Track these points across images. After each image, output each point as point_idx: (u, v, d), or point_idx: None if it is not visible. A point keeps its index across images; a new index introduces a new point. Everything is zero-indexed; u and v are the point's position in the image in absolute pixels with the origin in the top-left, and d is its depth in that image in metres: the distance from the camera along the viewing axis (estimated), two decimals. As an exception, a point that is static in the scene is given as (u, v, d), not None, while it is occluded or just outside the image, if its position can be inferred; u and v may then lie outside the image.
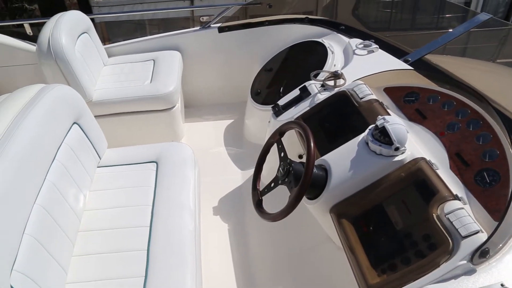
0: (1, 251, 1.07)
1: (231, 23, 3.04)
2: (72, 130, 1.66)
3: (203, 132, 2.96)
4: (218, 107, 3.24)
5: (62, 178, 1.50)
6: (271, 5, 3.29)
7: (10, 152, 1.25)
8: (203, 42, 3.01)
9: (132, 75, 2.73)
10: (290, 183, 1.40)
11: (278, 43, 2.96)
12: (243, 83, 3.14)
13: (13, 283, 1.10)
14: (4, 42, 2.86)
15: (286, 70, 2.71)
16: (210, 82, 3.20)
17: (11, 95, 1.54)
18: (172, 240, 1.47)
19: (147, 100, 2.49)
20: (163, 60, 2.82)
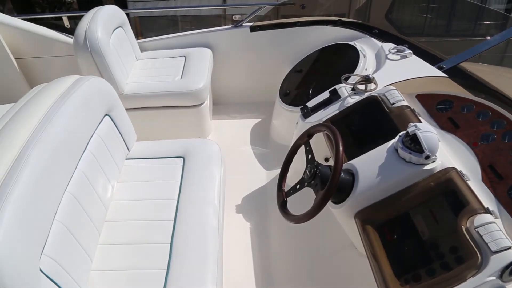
0: (33, 235, 1.11)
1: (263, 22, 3.05)
2: (104, 122, 1.70)
3: (230, 130, 2.98)
4: (246, 105, 3.26)
5: (92, 168, 1.54)
6: (304, 6, 3.28)
7: (46, 139, 1.29)
8: (234, 40, 3.02)
9: (163, 70, 2.77)
10: (316, 186, 1.39)
11: (309, 44, 2.95)
12: (272, 83, 3.14)
13: (42, 267, 1.13)
14: (43, 34, 2.95)
15: (316, 72, 2.69)
16: (239, 80, 3.21)
17: (49, 85, 1.58)
18: (195, 235, 1.49)
19: (176, 96, 2.52)
20: (194, 57, 2.85)
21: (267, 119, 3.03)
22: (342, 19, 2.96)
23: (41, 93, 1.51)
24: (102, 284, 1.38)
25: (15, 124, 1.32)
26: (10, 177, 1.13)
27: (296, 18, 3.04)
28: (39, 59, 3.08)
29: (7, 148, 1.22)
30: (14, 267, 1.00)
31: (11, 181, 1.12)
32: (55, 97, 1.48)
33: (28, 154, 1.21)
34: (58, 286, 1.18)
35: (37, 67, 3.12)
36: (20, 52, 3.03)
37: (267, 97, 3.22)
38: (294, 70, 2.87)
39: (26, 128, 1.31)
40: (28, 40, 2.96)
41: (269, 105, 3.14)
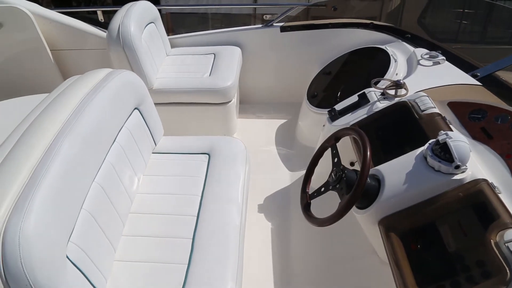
0: (62, 222, 1.14)
1: (293, 23, 3.04)
2: (133, 115, 1.73)
3: (255, 129, 2.98)
4: (272, 105, 3.26)
5: (120, 160, 1.57)
6: (336, 8, 3.25)
7: (78, 130, 1.32)
8: (264, 40, 3.03)
9: (192, 67, 2.80)
10: (342, 190, 1.38)
11: (339, 46, 2.93)
12: (300, 84, 3.12)
13: (69, 253, 1.17)
14: (78, 27, 3.03)
15: (345, 75, 2.67)
16: (267, 80, 3.22)
17: (82, 77, 1.62)
18: (218, 232, 1.50)
19: (204, 93, 2.54)
20: (224, 55, 2.87)
21: (293, 120, 3.02)
22: (374, 22, 2.92)
23: (74, 85, 1.55)
24: (124, 274, 1.40)
25: (49, 114, 1.36)
26: (43, 165, 1.17)
27: (327, 20, 3.02)
28: (73, 52, 3.16)
29: (41, 137, 1.26)
30: (43, 251, 1.04)
31: (43, 169, 1.16)
32: (88, 89, 1.52)
33: (60, 143, 1.25)
34: (82, 273, 1.21)
35: (70, 59, 3.20)
36: (56, 44, 3.12)
37: (294, 98, 3.21)
38: (323, 72, 2.85)
39: (59, 118, 1.35)
40: (63, 33, 3.05)
41: (295, 106, 3.13)
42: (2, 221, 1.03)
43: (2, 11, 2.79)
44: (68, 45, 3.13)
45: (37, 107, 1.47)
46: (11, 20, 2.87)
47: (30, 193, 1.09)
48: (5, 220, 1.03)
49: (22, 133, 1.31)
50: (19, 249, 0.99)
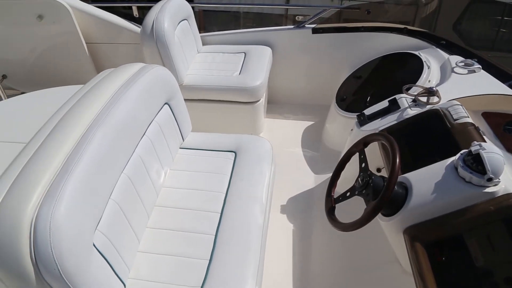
0: (90, 210, 1.17)
1: (325, 25, 3.02)
2: (163, 110, 1.75)
3: (282, 130, 2.98)
4: (300, 107, 3.25)
5: (148, 153, 1.60)
6: (369, 11, 3.21)
7: (110, 121, 1.36)
8: (295, 41, 3.02)
9: (222, 65, 2.82)
10: (368, 196, 1.37)
11: (371, 50, 2.89)
12: (329, 86, 3.10)
13: (95, 241, 1.20)
14: (113, 21, 3.10)
15: (376, 80, 2.63)
16: (296, 81, 3.21)
17: (116, 70, 1.66)
18: (241, 230, 1.51)
19: (233, 91, 2.56)
20: (254, 54, 2.88)
21: (320, 122, 3.00)
22: (408, 27, 2.86)
23: (108, 77, 1.58)
24: (146, 266, 1.43)
25: (83, 105, 1.40)
26: (75, 154, 1.21)
27: (360, 23, 2.99)
28: (107, 45, 3.24)
29: (75, 127, 1.30)
30: (72, 238, 1.07)
31: (75, 158, 1.19)
32: (121, 82, 1.55)
33: (93, 134, 1.28)
34: (107, 261, 1.24)
35: (104, 52, 3.28)
36: (91, 37, 3.21)
37: (323, 100, 3.19)
38: (353, 76, 2.82)
39: (93, 109, 1.38)
40: (99, 27, 3.13)
41: (323, 109, 3.11)
42: (35, 206, 1.06)
43: (43, 4, 2.88)
44: (103, 38, 3.21)
45: (72, 98, 1.51)
46: (51, 13, 2.97)
47: (62, 180, 1.12)
48: (38, 206, 1.06)
49: (57, 122, 1.35)
50: (50, 235, 1.02)
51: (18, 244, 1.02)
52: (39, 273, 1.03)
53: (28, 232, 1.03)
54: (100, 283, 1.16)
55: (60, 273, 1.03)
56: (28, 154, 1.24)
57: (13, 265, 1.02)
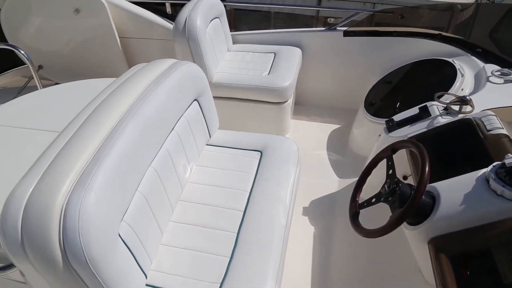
0: (118, 201, 1.20)
1: (357, 28, 2.98)
2: (192, 106, 1.77)
3: (308, 132, 2.97)
4: (327, 109, 3.22)
5: (176, 148, 1.62)
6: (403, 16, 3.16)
7: (141, 115, 1.38)
8: (325, 43, 3.00)
9: (252, 64, 2.83)
10: (394, 203, 1.35)
11: (402, 56, 2.84)
12: (358, 90, 3.07)
13: (120, 232, 1.22)
14: (146, 17, 3.16)
15: (406, 86, 2.59)
16: (325, 83, 3.19)
17: (148, 65, 1.69)
18: (263, 230, 1.51)
19: (262, 91, 2.56)
20: (284, 55, 2.87)
21: (347, 126, 2.97)
22: (443, 33, 2.80)
23: (140, 72, 1.61)
24: (168, 259, 1.45)
25: (116, 98, 1.43)
26: (106, 145, 1.23)
27: (393, 28, 2.94)
28: (139, 40, 3.30)
29: (107, 119, 1.33)
30: (99, 227, 1.09)
31: (106, 149, 1.22)
32: (153, 77, 1.58)
33: (123, 126, 1.31)
34: (131, 252, 1.26)
35: (136, 47, 3.35)
36: (124, 32, 3.28)
37: (350, 104, 3.16)
38: (383, 81, 2.78)
39: (125, 102, 1.41)
40: (132, 22, 3.19)
41: (351, 113, 3.08)
42: (66, 193, 1.09)
43: None
44: (135, 33, 3.27)
45: (105, 90, 1.55)
46: (87, 7, 3.05)
47: (93, 170, 1.15)
48: (69, 193, 1.09)
49: (89, 113, 1.39)
50: (78, 222, 1.05)
51: (48, 229, 1.05)
52: (66, 258, 1.06)
53: (58, 218, 1.06)
54: (123, 272, 1.19)
55: (86, 260, 1.06)
56: (61, 143, 1.27)
57: (42, 249, 1.05)
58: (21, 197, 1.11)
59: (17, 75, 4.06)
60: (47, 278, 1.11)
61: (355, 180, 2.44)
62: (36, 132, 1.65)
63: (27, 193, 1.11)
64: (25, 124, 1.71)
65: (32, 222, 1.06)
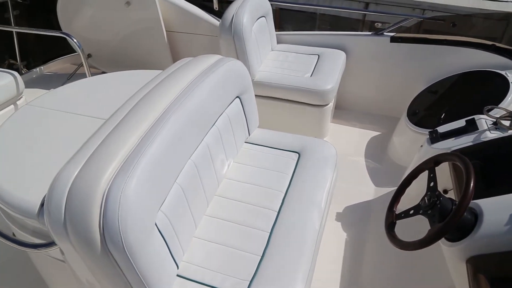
0: (157, 190, 1.22)
1: (405, 34, 2.91)
2: (234, 103, 1.79)
3: (346, 137, 2.93)
4: (368, 116, 3.16)
5: (215, 143, 1.64)
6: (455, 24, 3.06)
7: (184, 108, 1.41)
8: (371, 48, 2.94)
9: (294, 65, 2.82)
10: (433, 217, 1.30)
11: (451, 65, 2.75)
12: (401, 98, 3.00)
13: (157, 221, 1.25)
14: (194, 12, 3.21)
15: (453, 97, 2.50)
16: (367, 89, 3.13)
17: (194, 59, 1.72)
18: (296, 232, 1.50)
19: (303, 92, 2.55)
20: (328, 57, 2.85)
21: (387, 134, 2.91)
22: (497, 44, 2.68)
23: (186, 66, 1.64)
24: (200, 252, 1.47)
25: (161, 90, 1.46)
26: (150, 135, 1.27)
27: (443, 36, 2.85)
28: (184, 34, 3.36)
29: (152, 109, 1.37)
30: (138, 214, 1.12)
31: (149, 139, 1.25)
32: (198, 72, 1.60)
33: (167, 118, 1.33)
34: (165, 242, 1.29)
35: (181, 41, 3.41)
36: (171, 26, 3.34)
37: (392, 111, 3.09)
38: (429, 90, 2.70)
39: (169, 95, 1.44)
40: (180, 16, 3.25)
41: (392, 120, 3.01)
42: (108, 179, 1.13)
43: None
44: (181, 28, 3.33)
45: (151, 82, 1.59)
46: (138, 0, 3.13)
47: (135, 159, 1.18)
48: (111, 179, 1.13)
49: (135, 103, 1.43)
50: (119, 208, 1.08)
51: (90, 212, 1.08)
52: (104, 242, 1.09)
53: (100, 203, 1.09)
54: (156, 261, 1.21)
55: (123, 245, 1.09)
56: (107, 130, 1.32)
57: (82, 231, 1.09)
58: (66, 180, 1.15)
59: (67, 62, 4.24)
60: (84, 259, 1.15)
61: (391, 189, 2.38)
62: (83, 117, 1.71)
63: (72, 176, 1.16)
64: (73, 109, 1.78)
65: (75, 204, 1.10)
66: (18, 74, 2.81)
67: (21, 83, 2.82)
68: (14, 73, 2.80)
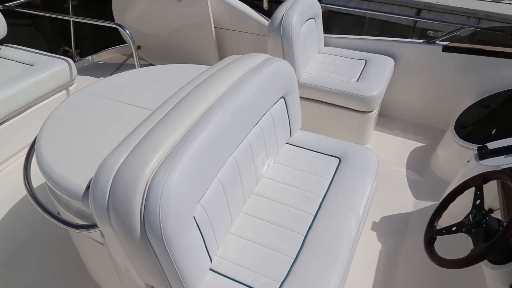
0: (198, 183, 1.24)
1: (459, 44, 2.80)
2: (278, 103, 1.79)
3: (388, 145, 2.86)
4: (412, 125, 3.07)
5: (257, 142, 1.64)
6: None
7: (230, 104, 1.42)
8: (421, 56, 2.86)
9: (341, 69, 2.78)
10: (478, 236, 1.25)
11: (507, 79, 2.62)
12: (448, 110, 2.89)
13: (195, 214, 1.27)
14: (243, 10, 3.23)
15: (506, 113, 2.39)
16: (413, 98, 3.04)
17: (242, 57, 1.73)
18: (332, 238, 1.48)
19: (348, 97, 2.51)
20: (375, 63, 2.79)
21: (431, 146, 2.82)
22: None
23: (234, 63, 1.65)
24: (234, 249, 1.48)
25: (208, 85, 1.48)
26: (195, 129, 1.29)
27: (500, 47, 2.72)
28: (232, 32, 3.39)
29: (199, 103, 1.39)
30: (178, 205, 1.14)
31: (194, 133, 1.27)
32: (246, 70, 1.61)
33: (213, 114, 1.35)
34: (201, 235, 1.30)
35: (228, 38, 3.44)
36: (220, 22, 3.38)
37: (438, 123, 2.99)
38: (480, 104, 2.59)
39: (216, 91, 1.46)
40: (229, 13, 3.28)
41: (437, 132, 2.91)
42: (152, 169, 1.16)
43: None
44: (230, 25, 3.36)
45: (199, 76, 1.61)
46: None
47: (180, 151, 1.20)
48: (155, 169, 1.16)
49: (182, 97, 1.46)
50: (160, 197, 1.10)
51: (133, 199, 1.12)
52: (144, 229, 1.12)
53: (143, 191, 1.12)
54: (192, 253, 1.23)
55: (162, 234, 1.11)
56: (154, 121, 1.35)
57: (124, 217, 1.12)
58: (112, 166, 1.19)
59: (117, 52, 4.39)
60: (123, 244, 1.19)
61: (432, 203, 2.30)
62: (130, 107, 1.76)
63: (118, 163, 1.19)
64: (122, 98, 1.83)
65: (119, 190, 1.13)
66: (72, 61, 2.94)
67: (74, 70, 2.95)
68: (68, 60, 2.93)
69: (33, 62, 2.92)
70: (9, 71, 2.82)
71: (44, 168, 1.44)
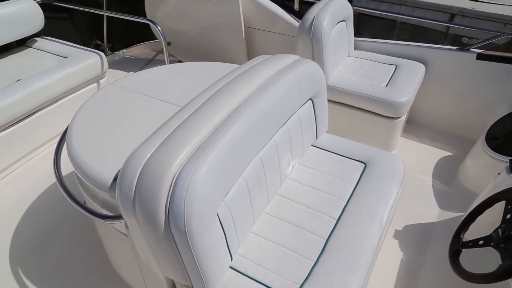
0: (224, 181, 1.25)
1: (495, 52, 2.72)
2: (306, 105, 1.78)
3: (415, 153, 2.81)
4: (440, 134, 3.01)
5: (283, 143, 1.64)
6: None
7: (259, 104, 1.43)
8: (454, 63, 2.79)
9: (370, 73, 2.75)
10: (507, 252, 1.22)
11: None
12: (479, 120, 2.82)
13: (219, 211, 1.28)
14: (274, 10, 3.23)
15: None
16: (443, 106, 2.98)
17: (272, 57, 1.73)
18: (354, 243, 1.46)
19: (376, 102, 2.48)
20: (406, 69, 2.74)
21: (459, 156, 2.75)
22: None
23: (264, 63, 1.66)
24: (255, 248, 1.48)
25: (237, 84, 1.49)
26: (223, 127, 1.30)
27: None
28: (262, 32, 3.39)
29: (227, 101, 1.40)
30: (203, 201, 1.15)
31: (222, 131, 1.28)
32: (275, 70, 1.62)
33: (241, 113, 1.36)
34: (224, 232, 1.31)
35: (258, 38, 3.44)
36: (250, 22, 3.39)
37: (468, 133, 2.91)
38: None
39: (246, 90, 1.47)
40: (259, 13, 3.28)
41: (466, 142, 2.84)
42: (179, 164, 1.17)
43: None
44: (260, 25, 3.37)
45: (228, 75, 1.62)
46: None
47: (207, 148, 1.21)
48: (182, 165, 1.17)
49: (211, 94, 1.47)
50: (186, 193, 1.12)
51: (158, 194, 1.13)
52: (168, 224, 1.14)
53: (169, 186, 1.14)
54: (213, 249, 1.24)
55: (185, 230, 1.12)
56: (182, 117, 1.37)
57: (149, 210, 1.14)
58: (140, 159, 1.21)
59: (147, 48, 4.46)
60: (147, 236, 1.21)
61: (458, 214, 2.25)
62: (159, 102, 1.79)
63: (146, 156, 1.21)
64: (151, 93, 1.86)
65: (145, 184, 1.15)
66: (104, 54, 3.01)
67: (105, 64, 3.01)
68: (100, 53, 2.99)
69: (67, 54, 3.00)
70: (45, 63, 2.91)
71: (74, 157, 1.48)
